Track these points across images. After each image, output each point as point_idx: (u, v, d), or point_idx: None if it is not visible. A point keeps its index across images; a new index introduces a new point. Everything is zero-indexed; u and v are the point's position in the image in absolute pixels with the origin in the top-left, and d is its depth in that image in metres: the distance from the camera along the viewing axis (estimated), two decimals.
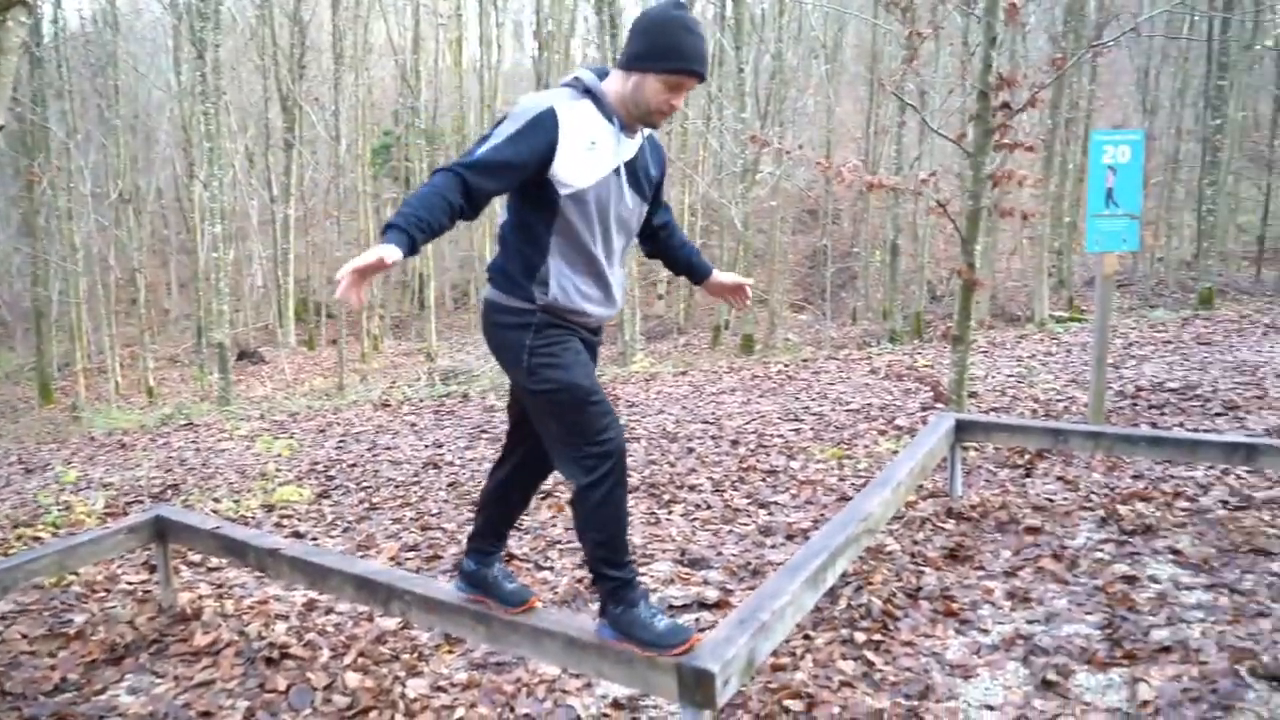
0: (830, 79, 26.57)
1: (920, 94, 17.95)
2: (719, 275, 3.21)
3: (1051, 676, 3.20)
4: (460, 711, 3.30)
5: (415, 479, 7.06)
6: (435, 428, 9.52)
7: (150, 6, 33.72)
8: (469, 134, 30.48)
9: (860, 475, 6.06)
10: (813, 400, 8.91)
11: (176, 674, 3.80)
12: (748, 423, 8.03)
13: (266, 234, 29.43)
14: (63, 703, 3.60)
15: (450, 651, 3.84)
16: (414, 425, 9.84)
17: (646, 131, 2.80)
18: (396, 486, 6.86)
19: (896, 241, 19.98)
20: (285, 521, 6.19)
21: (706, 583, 4.39)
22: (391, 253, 2.29)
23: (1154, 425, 6.80)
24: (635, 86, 2.62)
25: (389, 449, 8.42)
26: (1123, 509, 4.84)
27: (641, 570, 4.60)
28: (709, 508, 5.60)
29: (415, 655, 3.79)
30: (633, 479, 6.40)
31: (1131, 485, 5.33)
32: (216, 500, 6.89)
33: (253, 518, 6.32)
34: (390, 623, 4.10)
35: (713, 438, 7.54)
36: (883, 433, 7.23)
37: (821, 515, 5.29)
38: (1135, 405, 7.44)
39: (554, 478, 6.46)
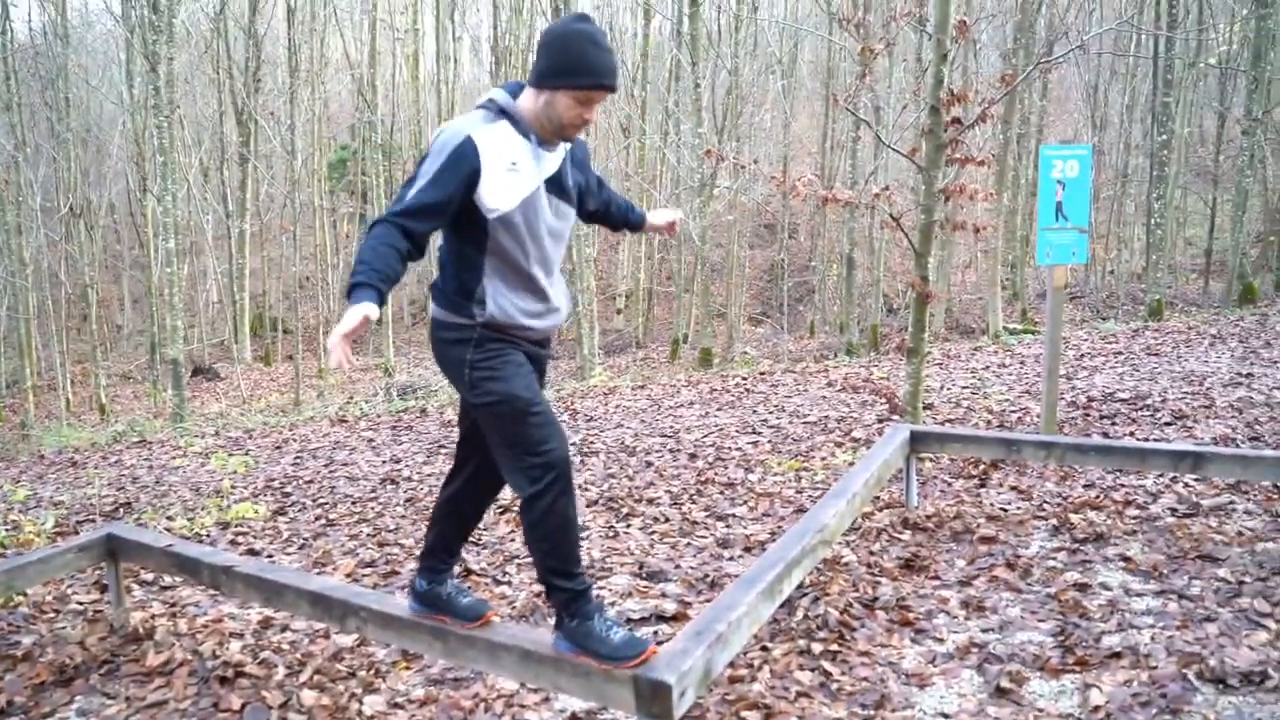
0: (786, 94, 26.80)
1: (875, 109, 18.17)
2: (651, 217, 3.44)
3: (1005, 684, 3.24)
4: None
5: (373, 495, 7.01)
6: (393, 443, 9.46)
7: (102, 19, 33.38)
8: (426, 148, 30.36)
9: (817, 487, 6.10)
10: (770, 413, 8.95)
11: (128, 695, 3.74)
12: (706, 436, 8.06)
13: (222, 249, 29.15)
14: None
15: (407, 668, 3.82)
16: (371, 441, 9.77)
17: (568, 144, 2.85)
18: (354, 503, 6.80)
19: (852, 255, 20.17)
20: (240, 539, 6.12)
21: (665, 595, 4.40)
22: (371, 310, 2.42)
23: (1105, 435, 6.91)
24: (547, 103, 2.67)
25: (346, 465, 8.36)
26: (1075, 517, 4.91)
27: (600, 583, 4.60)
28: (667, 521, 5.61)
29: (372, 672, 3.76)
30: (590, 493, 6.40)
31: (1083, 494, 5.41)
32: (170, 518, 6.80)
33: (207, 535, 6.25)
34: (347, 639, 4.07)
35: (671, 451, 7.56)
36: (839, 445, 7.29)
37: (779, 527, 5.32)
38: (1087, 415, 7.55)
39: (509, 491, 6.45)
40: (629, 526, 5.54)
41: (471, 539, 5.50)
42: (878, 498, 5.46)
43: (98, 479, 9.07)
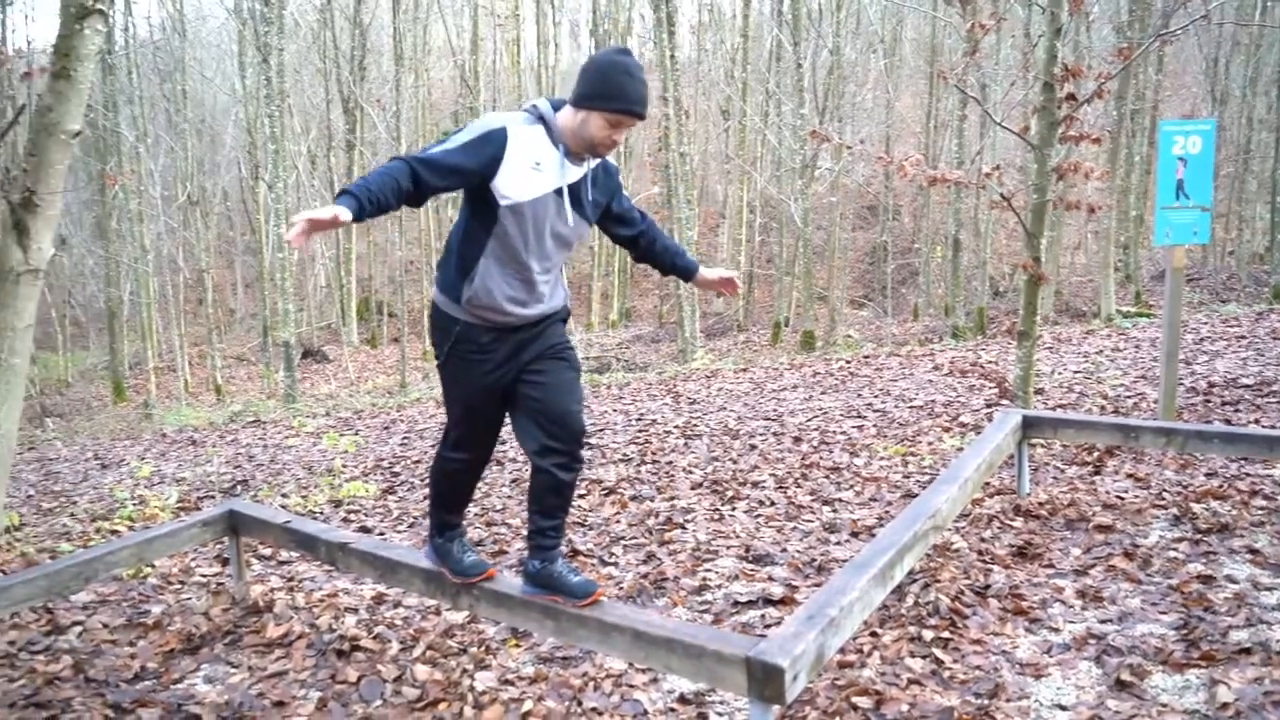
0: (889, 73, 26.33)
1: (981, 87, 17.73)
2: (705, 271, 3.51)
3: (1126, 677, 3.15)
4: (528, 704, 3.33)
5: None
6: None
7: (215, 12, 34.39)
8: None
9: (925, 472, 6.01)
10: (875, 397, 8.84)
11: (250, 664, 3.87)
12: (810, 419, 8.00)
13: (329, 235, 29.85)
14: (143, 690, 3.70)
15: (517, 645, 3.88)
16: None
17: (596, 161, 3.08)
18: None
19: (958, 237, 19.73)
20: (352, 516, 6.28)
21: (771, 579, 4.38)
22: (344, 213, 2.60)
23: (1228, 422, 6.65)
24: (582, 122, 2.90)
25: None
26: (1197, 507, 4.75)
27: (706, 566, 4.60)
28: (772, 504, 5.59)
29: (483, 649, 3.83)
30: (695, 475, 6.40)
31: (1205, 483, 5.23)
32: (285, 496, 7.01)
33: (320, 513, 6.43)
34: (458, 616, 4.15)
35: (775, 434, 7.52)
36: (947, 430, 7.16)
37: (886, 512, 5.26)
38: (1208, 401, 7.29)
39: (615, 473, 6.50)
40: (734, 510, 5.53)
41: (577, 520, 5.56)
42: (988, 484, 5.36)
43: (216, 457, 9.40)
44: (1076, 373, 9.17)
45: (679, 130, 17.87)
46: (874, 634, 3.66)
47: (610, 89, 2.84)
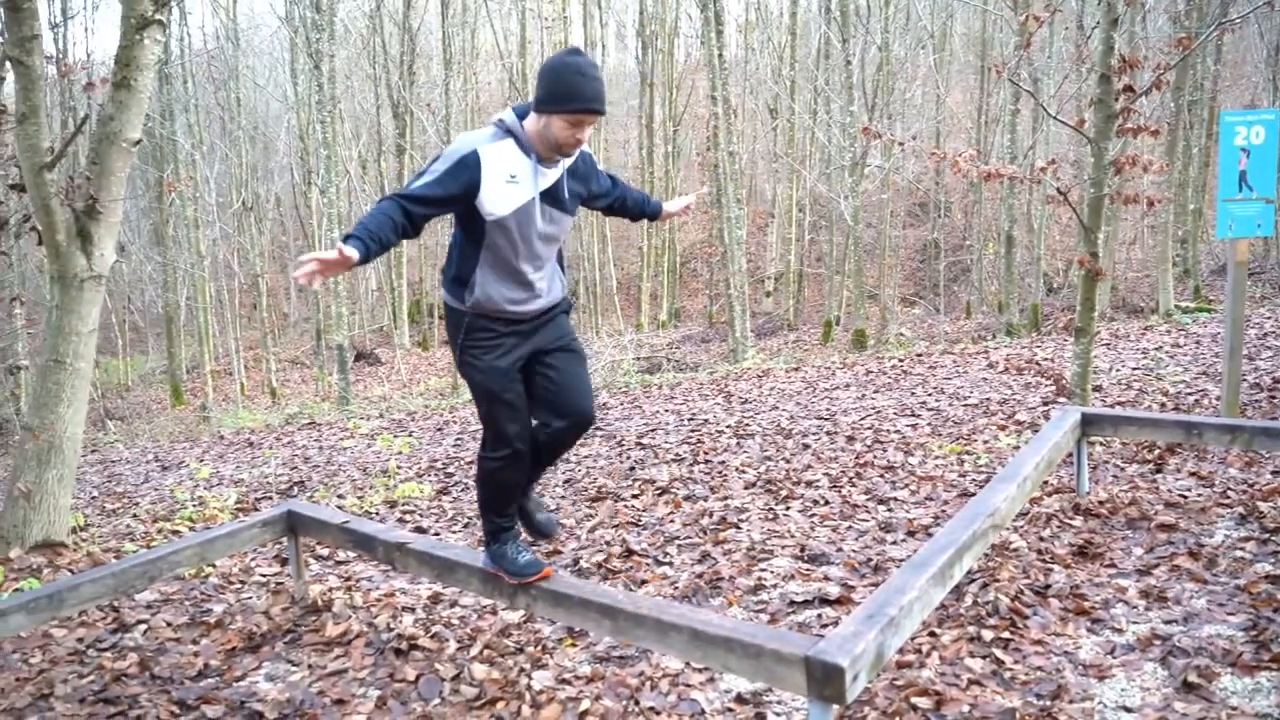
0: (938, 68, 26.08)
1: (1034, 81, 17.50)
2: (668, 206, 3.87)
3: (1193, 679, 3.09)
4: (586, 704, 3.33)
5: None
6: None
7: (268, 21, 34.88)
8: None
9: (981, 471, 5.94)
10: (929, 395, 8.76)
11: (310, 663, 3.92)
12: (863, 418, 7.94)
13: None
14: (206, 687, 3.76)
15: (573, 644, 3.89)
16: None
17: (569, 159, 3.21)
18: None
19: (1012, 233, 19.49)
20: (408, 517, 6.34)
21: (827, 579, 4.35)
22: (352, 253, 2.74)
23: None
24: (545, 126, 3.03)
25: None
26: (1263, 506, 4.65)
27: (761, 565, 4.59)
28: (827, 503, 5.55)
29: (540, 648, 3.84)
30: (748, 475, 6.39)
31: (1272, 481, 5.12)
32: (341, 496, 7.09)
33: (376, 513, 6.50)
34: (514, 616, 4.17)
35: (828, 433, 7.47)
36: (1003, 428, 7.07)
37: (942, 511, 5.21)
38: (1272, 398, 7.13)
39: (668, 473, 6.50)
40: (788, 509, 5.51)
41: (633, 521, 5.56)
42: (1046, 482, 5.28)
43: (273, 459, 9.53)
44: (1135, 369, 9.02)
45: (728, 129, 17.82)
46: (932, 634, 3.63)
47: (565, 91, 2.95)
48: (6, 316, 10.43)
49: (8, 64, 5.33)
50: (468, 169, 3.00)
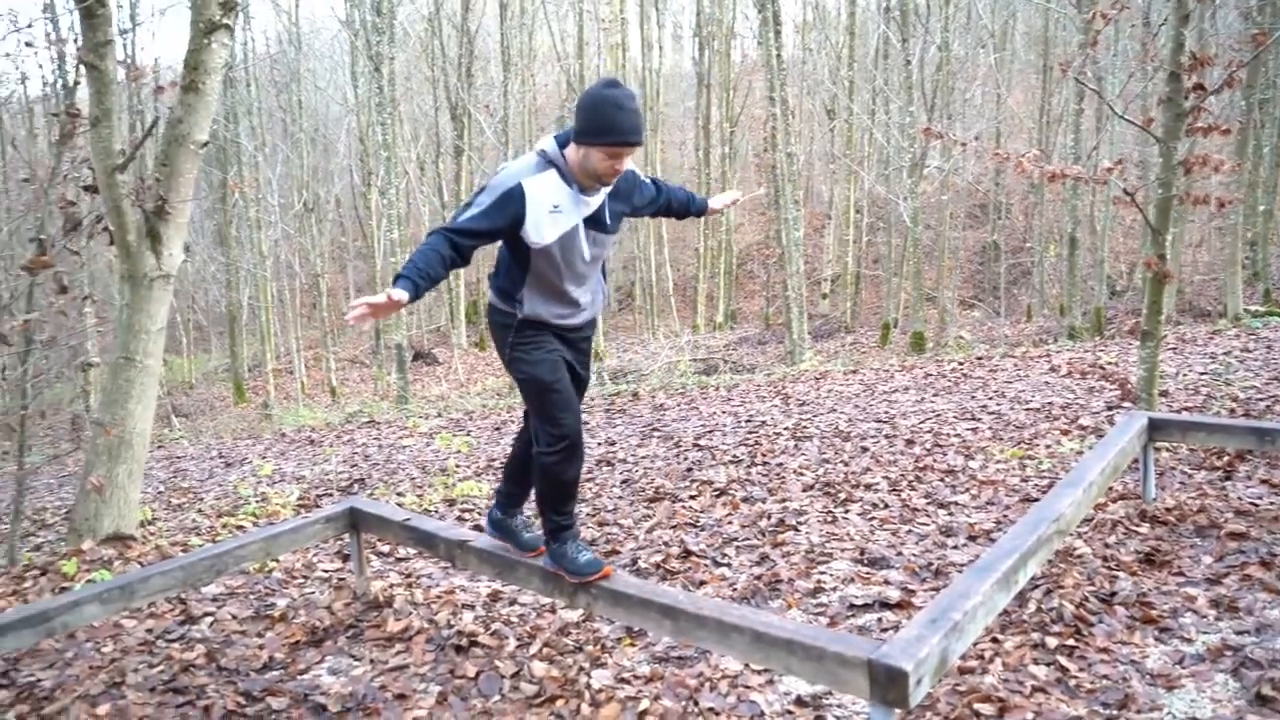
0: (999, 68, 25.75)
1: (1098, 79, 17.22)
2: (713, 202, 3.95)
3: (1267, 691, 3.02)
4: (645, 703, 3.34)
5: (589, 475, 7.18)
6: (607, 426, 9.66)
7: (328, 25, 35.37)
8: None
9: (1043, 476, 5.86)
10: (990, 399, 8.65)
11: (372, 658, 3.98)
12: (922, 421, 7.86)
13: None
14: (271, 680, 3.82)
15: (632, 644, 3.90)
16: (585, 424, 10.01)
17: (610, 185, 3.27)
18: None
19: (1075, 235, 19.18)
20: (466, 515, 6.39)
21: (887, 583, 4.32)
22: (401, 295, 2.88)
23: None
24: (584, 157, 3.11)
25: None
26: None
27: (820, 569, 4.56)
28: (886, 507, 5.51)
29: (598, 647, 3.86)
30: (806, 477, 6.35)
31: None
32: (400, 494, 7.17)
33: (435, 511, 6.56)
34: (573, 615, 4.19)
35: (887, 436, 7.41)
36: (1065, 432, 6.96)
37: (1004, 516, 5.14)
38: None
39: (726, 474, 6.49)
40: (847, 512, 5.47)
41: (691, 522, 5.56)
42: (1111, 489, 5.19)
43: (334, 456, 9.66)
44: (1203, 374, 8.83)
45: (785, 130, 17.75)
46: (995, 640, 3.59)
47: (603, 124, 3.03)
48: (78, 315, 10.69)
49: (82, 69, 5.45)
50: (513, 202, 3.11)
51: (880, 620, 3.94)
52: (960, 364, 11.55)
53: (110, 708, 3.65)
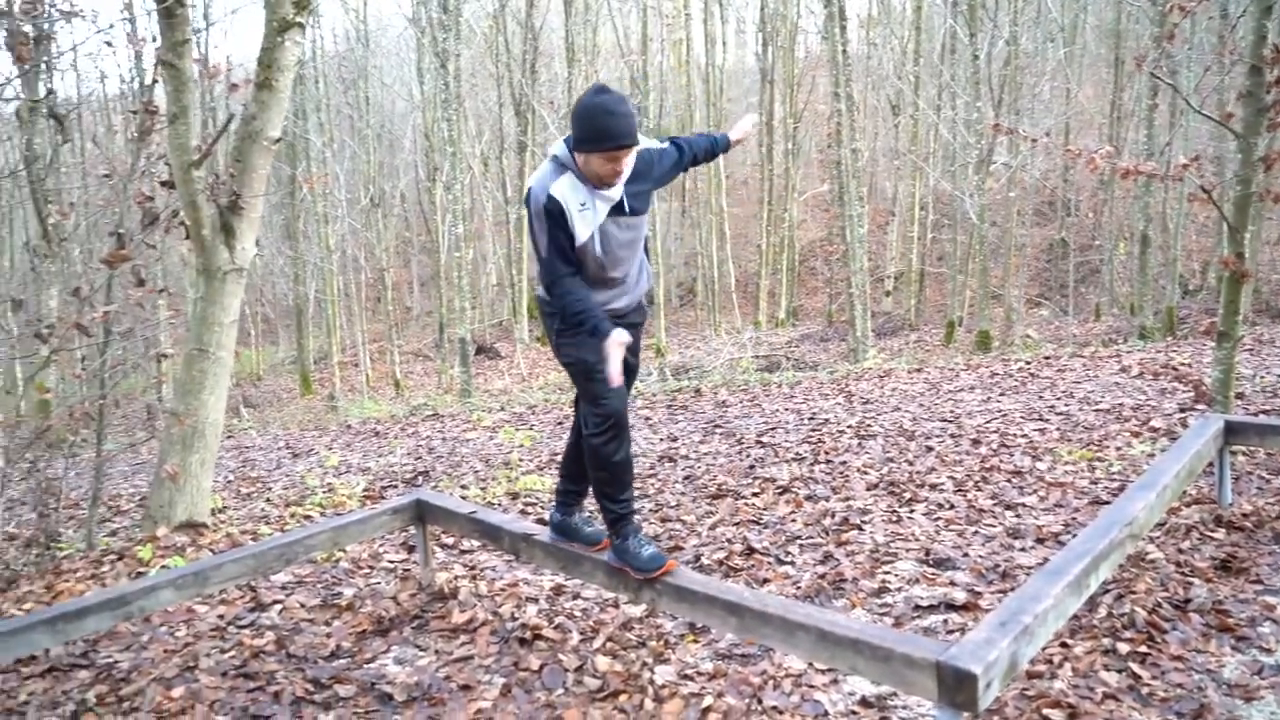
0: (1069, 62, 25.27)
1: (1171, 74, 16.83)
2: (733, 134, 3.97)
3: None
4: (708, 700, 3.34)
5: (652, 471, 7.19)
6: (669, 421, 9.67)
7: (395, 22, 35.76)
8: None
9: (1113, 478, 5.75)
10: (1058, 399, 8.51)
11: (437, 648, 4.02)
12: (988, 421, 7.76)
13: (501, 234, 30.66)
14: (338, 668, 3.89)
15: (695, 641, 3.90)
16: (648, 419, 10.02)
17: (626, 173, 3.35)
18: (633, 478, 6.99)
19: (1147, 232, 18.77)
20: (529, 509, 6.43)
21: (953, 584, 4.27)
22: (621, 336, 3.15)
23: None
24: (585, 163, 3.25)
25: None
26: None
27: (885, 568, 4.53)
28: (952, 507, 5.45)
29: (661, 642, 3.86)
30: (870, 476, 6.30)
31: None
32: (464, 487, 7.24)
33: (499, 504, 6.61)
34: (636, 610, 4.20)
35: (952, 436, 7.33)
36: (1136, 434, 6.83)
37: (1073, 519, 5.06)
38: None
39: (789, 472, 6.46)
40: (912, 512, 5.42)
41: (754, 519, 5.55)
42: (1185, 493, 5.08)
43: (398, 448, 9.78)
44: None
45: (850, 126, 17.60)
46: (1064, 645, 3.53)
47: (596, 132, 3.16)
48: (152, 307, 10.94)
49: (160, 67, 5.57)
50: (555, 211, 3.27)
51: (946, 622, 3.90)
52: (1027, 363, 11.38)
53: (184, 691, 3.74)
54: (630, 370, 3.65)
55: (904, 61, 27.87)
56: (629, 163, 3.31)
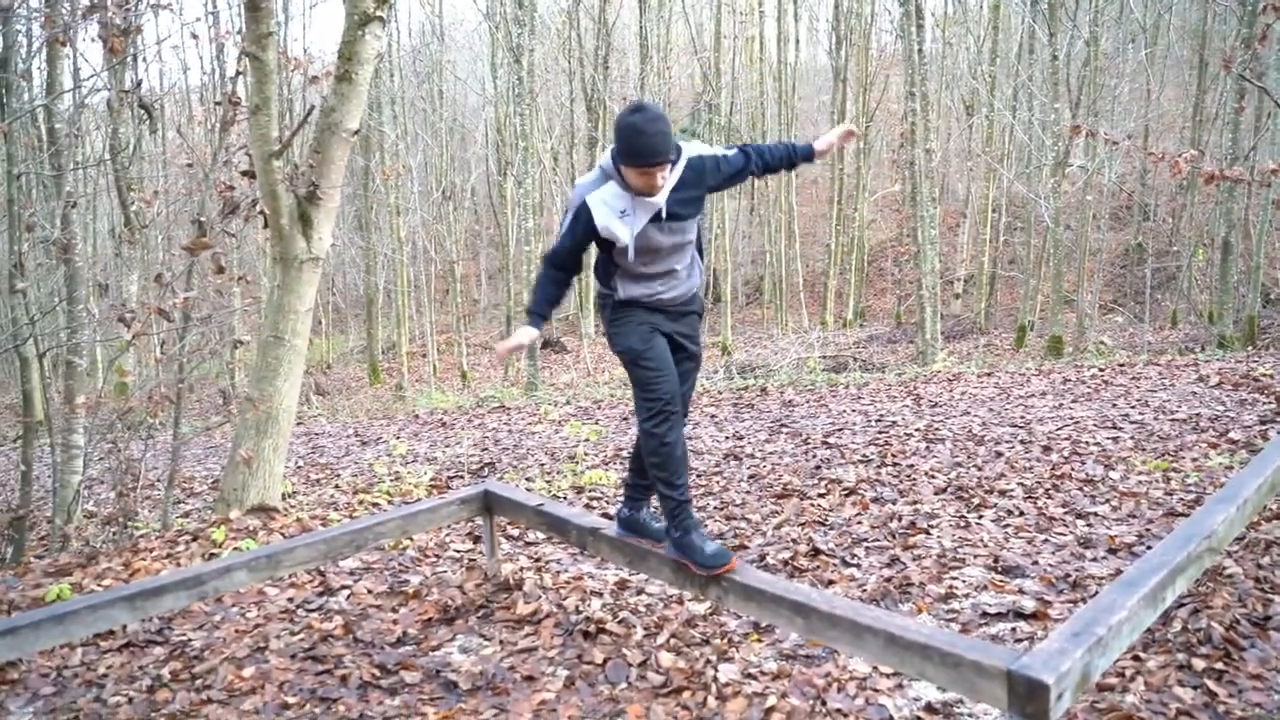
0: (1150, 63, 24.73)
1: (1258, 75, 16.39)
2: (819, 144, 3.90)
3: None
4: (771, 700, 3.33)
5: (717, 469, 7.18)
6: (734, 420, 9.64)
7: (469, 17, 36.09)
8: (767, 130, 30.69)
9: (1189, 490, 5.62)
10: (1131, 408, 8.33)
11: (502, 638, 4.06)
12: (1060, 428, 7.63)
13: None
14: (404, 654, 3.94)
15: (759, 640, 3.89)
16: (713, 417, 10.01)
17: (673, 181, 3.52)
18: (698, 476, 7.00)
19: (1229, 239, 18.30)
20: (594, 503, 6.46)
21: (1022, 592, 4.21)
22: (531, 333, 3.62)
23: None
24: (624, 175, 3.44)
25: (689, 439, 8.61)
26: None
27: (952, 574, 4.48)
28: (1021, 514, 5.37)
29: (725, 640, 3.86)
30: (937, 480, 6.23)
31: None
32: (529, 480, 7.29)
33: (564, 498, 6.65)
34: (699, 607, 4.20)
35: (1022, 442, 7.21)
36: (1214, 446, 6.67)
37: (1146, 530, 4.96)
38: None
39: (855, 474, 6.41)
40: (980, 518, 5.35)
41: (819, 520, 5.52)
42: (1266, 507, 4.95)
43: (465, 439, 9.87)
44: None
45: (925, 126, 17.39)
46: (1137, 658, 3.47)
47: (629, 150, 3.35)
48: (229, 295, 11.17)
49: (244, 59, 5.68)
50: (583, 219, 3.52)
51: (1014, 630, 3.84)
52: (1100, 370, 11.16)
53: (255, 671, 3.82)
54: (692, 358, 3.84)
55: (979, 61, 27.46)
56: (668, 174, 3.46)
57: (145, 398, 6.16)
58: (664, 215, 3.53)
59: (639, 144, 3.33)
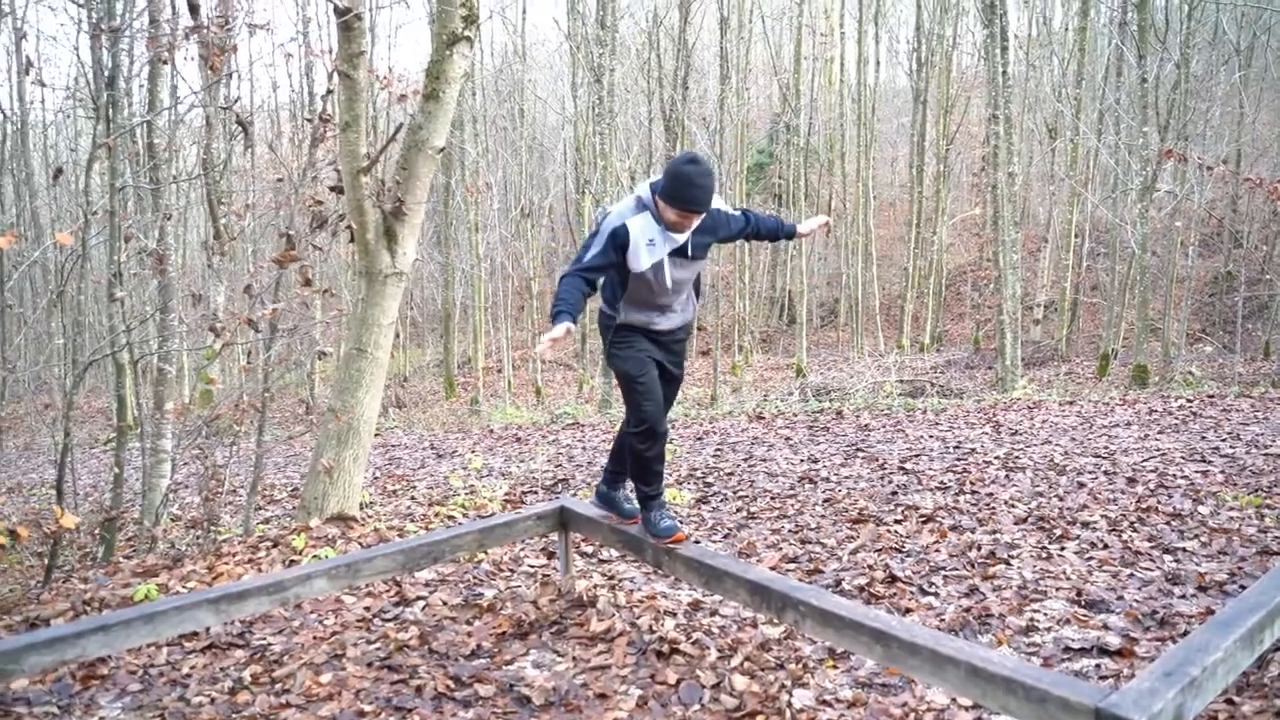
0: (1244, 86, 24.10)
1: None
2: (801, 228, 4.49)
3: None
4: None
5: (791, 492, 7.13)
6: (810, 442, 9.57)
7: (551, 37, 36.50)
8: (846, 152, 30.54)
9: None
10: (1222, 441, 8.09)
11: (575, 655, 4.06)
12: (1145, 460, 7.44)
13: None
14: (478, 667, 3.96)
15: (834, 666, 3.84)
16: (788, 439, 9.94)
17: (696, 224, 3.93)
18: (773, 498, 6.96)
19: None
20: None
21: (1107, 628, 4.10)
22: (564, 327, 3.69)
23: None
24: (663, 209, 3.85)
25: (764, 460, 8.56)
26: None
27: (1034, 606, 4.38)
28: (1105, 547, 5.24)
29: (800, 666, 3.82)
30: (1018, 509, 6.11)
31: None
32: None
33: None
34: (774, 631, 4.16)
35: (1106, 473, 7.04)
36: None
37: (1238, 568, 4.80)
38: None
39: (932, 501, 6.30)
40: (1063, 549, 5.23)
41: (896, 547, 5.44)
42: None
43: (539, 455, 9.93)
44: None
45: (1008, 149, 17.14)
46: (1230, 701, 3.36)
47: (677, 194, 3.74)
48: (311, 307, 11.39)
49: (335, 77, 5.80)
50: (618, 240, 3.87)
51: (1099, 667, 3.75)
52: (1189, 401, 10.87)
53: (332, 678, 3.87)
54: (673, 380, 4.32)
55: (1064, 83, 27.02)
56: (698, 220, 3.89)
57: (231, 406, 6.31)
58: (690, 249, 3.98)
59: (688, 193, 3.74)
